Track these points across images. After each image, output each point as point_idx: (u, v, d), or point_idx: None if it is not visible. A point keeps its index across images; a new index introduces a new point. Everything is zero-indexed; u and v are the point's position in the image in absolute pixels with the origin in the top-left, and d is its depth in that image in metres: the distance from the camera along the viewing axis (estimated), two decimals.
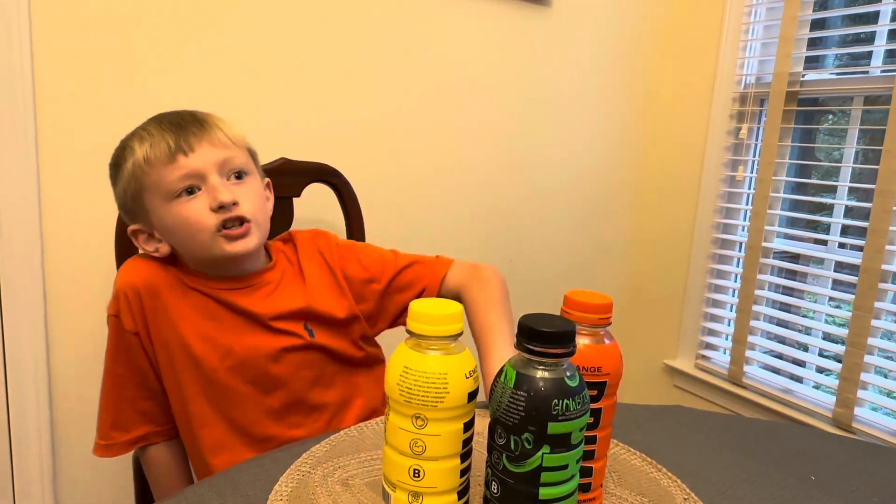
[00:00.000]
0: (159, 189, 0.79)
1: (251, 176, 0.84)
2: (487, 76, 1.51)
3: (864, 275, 1.42)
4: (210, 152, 0.79)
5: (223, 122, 0.84)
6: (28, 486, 1.11)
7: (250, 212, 0.81)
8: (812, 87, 1.57)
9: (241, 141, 0.85)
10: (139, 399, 0.85)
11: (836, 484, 0.69)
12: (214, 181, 0.78)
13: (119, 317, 0.81)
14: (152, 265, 0.84)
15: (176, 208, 0.78)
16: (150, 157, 0.78)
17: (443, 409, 0.48)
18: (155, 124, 0.81)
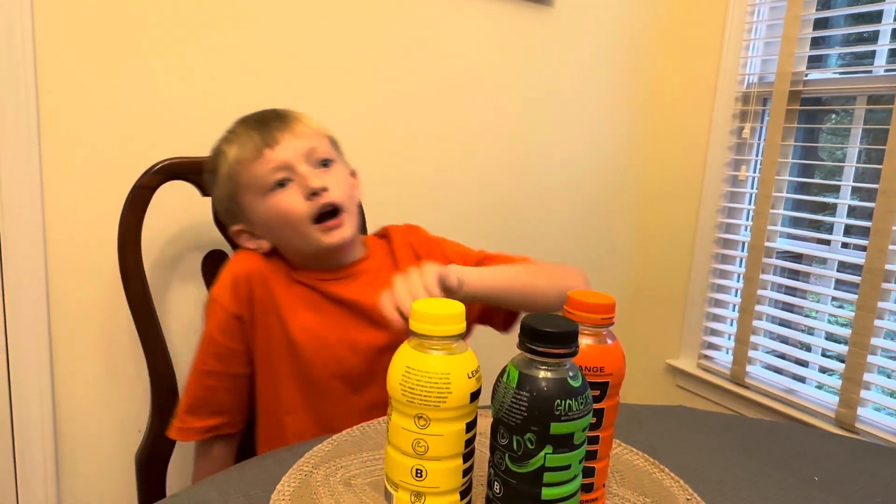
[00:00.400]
0: (253, 185, 0.82)
1: (337, 163, 0.87)
2: (489, 75, 1.51)
3: (867, 275, 1.42)
4: (294, 143, 0.82)
5: (304, 115, 0.88)
6: (31, 486, 1.11)
7: (340, 197, 0.83)
8: (815, 86, 1.56)
9: (323, 130, 0.88)
10: (221, 390, 0.87)
11: (838, 484, 0.69)
12: (303, 170, 0.81)
13: (222, 301, 0.84)
14: (263, 257, 0.88)
15: (270, 201, 0.82)
16: (239, 156, 0.83)
17: (445, 409, 0.48)
18: (240, 125, 0.86)
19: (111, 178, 1.08)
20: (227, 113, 1.18)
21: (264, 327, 0.85)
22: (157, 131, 1.12)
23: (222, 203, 0.88)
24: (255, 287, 0.85)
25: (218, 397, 0.87)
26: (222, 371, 0.86)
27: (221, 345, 0.85)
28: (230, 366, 0.87)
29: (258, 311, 0.85)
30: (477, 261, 0.94)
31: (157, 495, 1.00)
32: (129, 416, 1.18)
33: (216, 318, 0.85)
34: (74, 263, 1.09)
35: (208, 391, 0.87)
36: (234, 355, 0.86)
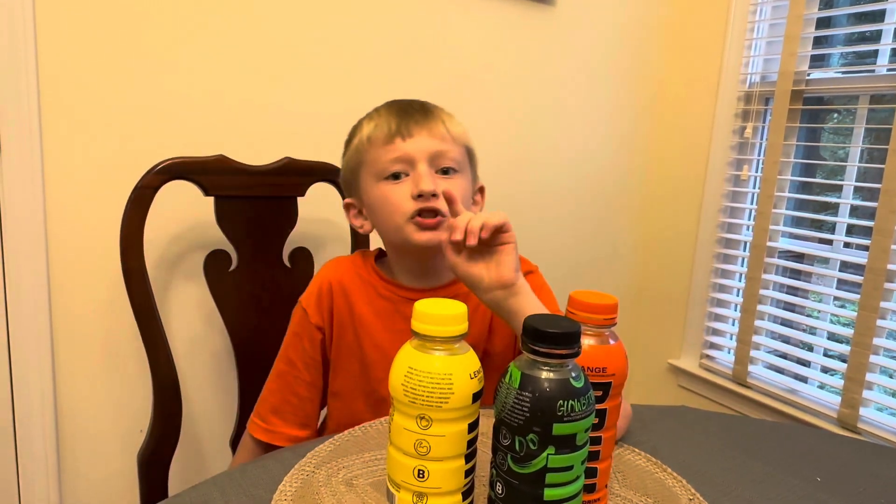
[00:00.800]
0: (373, 167, 0.83)
1: (461, 175, 0.85)
2: (491, 75, 1.51)
3: (869, 274, 1.41)
4: (426, 141, 0.82)
5: (448, 116, 0.87)
6: (33, 486, 1.11)
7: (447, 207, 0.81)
8: (817, 85, 1.56)
9: (462, 138, 0.86)
10: (308, 400, 0.88)
11: (842, 485, 0.68)
12: (422, 169, 0.80)
13: (308, 311, 0.86)
14: (352, 266, 0.89)
15: (382, 188, 0.82)
16: (372, 136, 0.83)
17: (447, 409, 0.48)
18: (386, 107, 0.86)
19: (113, 178, 1.08)
20: (229, 113, 1.18)
21: (340, 341, 0.86)
22: (159, 131, 1.12)
23: (344, 172, 0.90)
24: (336, 299, 0.86)
25: (305, 408, 0.88)
26: (310, 381, 0.87)
27: (309, 355, 0.86)
28: (316, 377, 0.87)
29: (336, 324, 0.86)
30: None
31: (159, 496, 1.00)
32: (131, 416, 1.18)
33: (304, 327, 0.86)
34: (76, 263, 1.09)
35: (298, 399, 0.87)
36: (318, 366, 0.87)
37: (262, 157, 1.07)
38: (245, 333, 1.08)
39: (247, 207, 1.06)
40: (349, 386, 0.87)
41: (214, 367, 1.24)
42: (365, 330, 0.85)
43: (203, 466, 1.26)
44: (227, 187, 1.03)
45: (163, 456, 1.01)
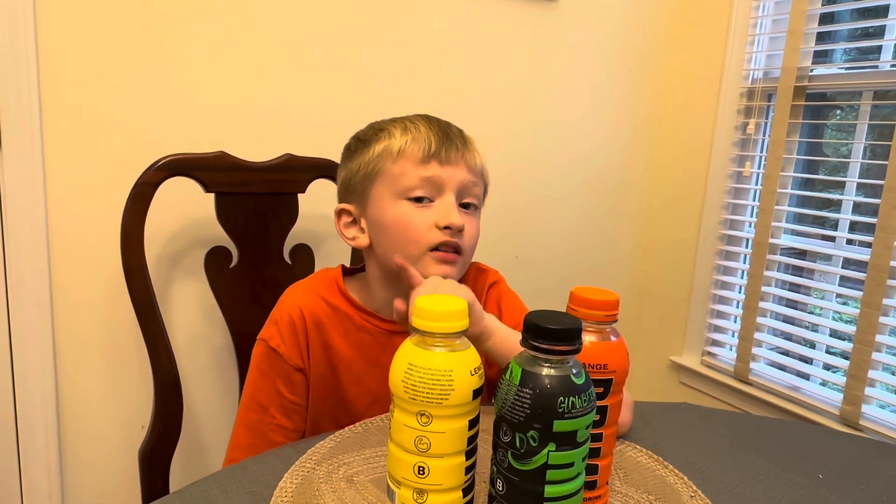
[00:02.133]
0: (396, 182, 0.77)
1: (478, 212, 0.83)
2: (494, 72, 1.50)
3: (872, 271, 1.41)
4: (462, 172, 0.78)
5: (478, 150, 0.83)
6: (35, 482, 1.11)
7: (467, 246, 0.79)
8: (820, 81, 1.55)
9: (486, 174, 0.84)
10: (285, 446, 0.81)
11: (844, 483, 0.68)
12: (450, 200, 0.77)
13: (283, 352, 0.78)
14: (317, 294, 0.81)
15: (402, 208, 0.77)
16: (406, 149, 0.77)
17: (448, 406, 0.47)
18: (424, 122, 0.80)
19: (114, 175, 1.08)
20: (230, 109, 1.18)
21: (318, 379, 0.80)
22: (160, 127, 1.12)
23: (349, 175, 0.81)
24: (310, 333, 0.79)
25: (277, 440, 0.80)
26: (291, 428, 0.80)
27: (287, 399, 0.79)
28: (298, 422, 0.80)
29: (313, 362, 0.80)
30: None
31: (161, 492, 1.00)
32: (133, 412, 1.18)
33: (275, 368, 0.78)
34: (77, 260, 1.09)
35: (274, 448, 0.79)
36: (300, 411, 0.80)
37: (262, 153, 1.07)
38: (246, 330, 1.08)
39: (247, 204, 1.06)
40: (323, 421, 0.82)
41: (215, 364, 1.24)
42: (344, 365, 0.80)
43: (204, 462, 1.26)
44: (227, 184, 1.03)
45: (164, 452, 1.01)
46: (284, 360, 0.78)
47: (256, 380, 0.79)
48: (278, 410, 0.79)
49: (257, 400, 0.79)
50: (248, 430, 0.79)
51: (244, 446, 0.78)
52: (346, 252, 1.24)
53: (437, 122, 0.81)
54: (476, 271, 0.90)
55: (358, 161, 0.80)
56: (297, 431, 0.81)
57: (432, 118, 0.82)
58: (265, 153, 1.08)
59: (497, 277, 0.90)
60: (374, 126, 0.82)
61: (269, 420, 0.79)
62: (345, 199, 0.83)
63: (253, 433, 0.79)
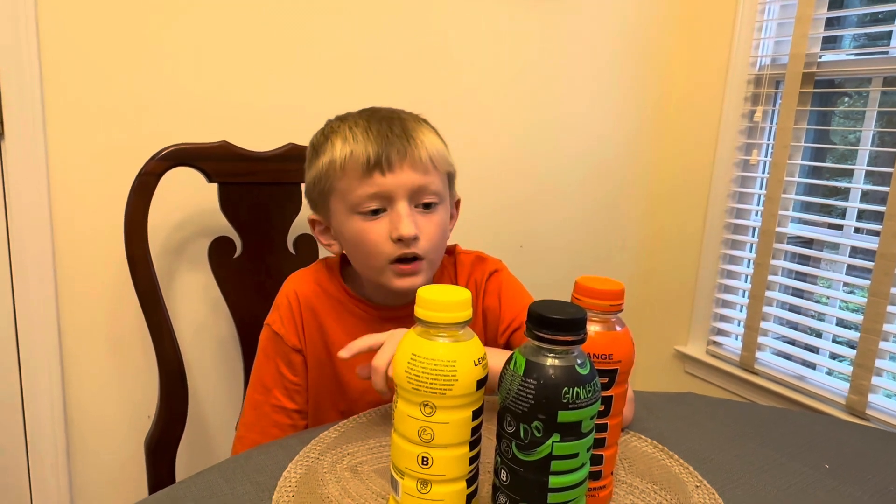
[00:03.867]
0: (346, 198, 0.77)
1: (441, 205, 0.80)
2: (497, 59, 1.49)
3: (880, 260, 1.40)
4: (408, 176, 0.75)
5: (430, 138, 0.79)
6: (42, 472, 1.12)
7: (427, 249, 0.77)
8: (829, 68, 1.53)
9: (443, 163, 0.80)
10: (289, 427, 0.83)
11: (851, 472, 0.68)
12: (402, 210, 0.75)
13: (283, 335, 0.81)
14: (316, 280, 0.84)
15: (357, 224, 0.76)
16: (346, 164, 0.75)
17: (451, 396, 0.47)
18: (363, 125, 0.77)
19: (117, 165, 1.08)
20: (232, 99, 1.17)
21: (315, 360, 0.83)
22: (162, 118, 1.12)
23: (310, 187, 0.82)
24: (305, 316, 0.82)
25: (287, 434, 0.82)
26: (294, 409, 0.83)
27: (289, 380, 0.82)
28: (300, 402, 0.83)
29: (310, 343, 0.83)
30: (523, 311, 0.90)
31: (167, 481, 1.01)
32: (138, 402, 1.18)
33: (278, 351, 0.82)
34: (81, 251, 1.09)
35: (280, 429, 0.82)
36: (301, 391, 0.83)
37: (265, 143, 1.07)
38: (250, 320, 1.08)
39: (250, 194, 1.05)
40: (324, 405, 0.85)
41: (220, 353, 1.24)
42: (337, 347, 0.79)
43: (210, 452, 1.27)
44: (230, 174, 1.02)
45: (170, 441, 1.02)
46: (284, 341, 0.82)
47: (262, 363, 0.83)
48: (281, 392, 0.82)
49: (262, 382, 0.83)
50: (254, 410, 0.83)
51: (249, 424, 0.83)
52: None
53: (377, 121, 0.78)
54: (475, 260, 0.90)
55: (313, 173, 0.80)
56: (299, 412, 0.84)
57: (375, 115, 0.79)
58: (268, 143, 1.07)
59: (498, 266, 0.90)
60: (324, 130, 0.81)
61: (272, 401, 0.82)
62: (313, 209, 0.84)
63: (258, 412, 0.83)
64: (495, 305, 0.86)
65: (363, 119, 0.78)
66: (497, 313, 0.86)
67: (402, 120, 0.79)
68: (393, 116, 0.79)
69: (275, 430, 0.82)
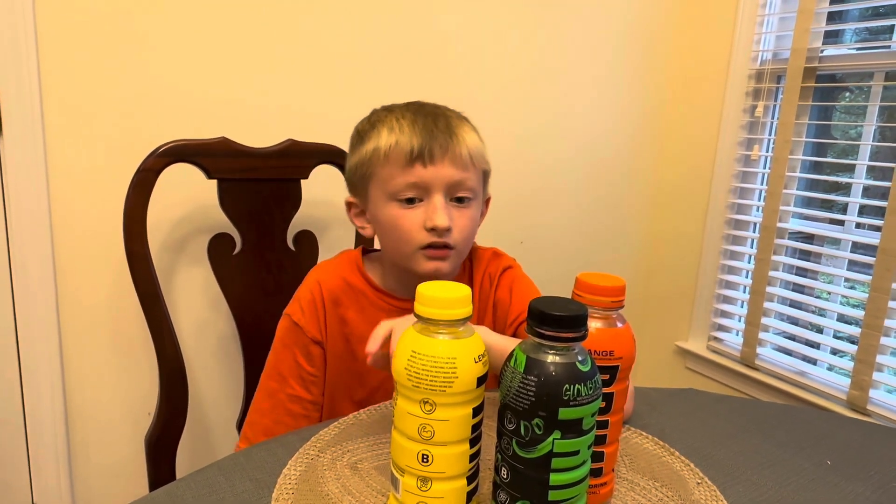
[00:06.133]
0: (386, 185, 0.79)
1: (475, 201, 0.83)
2: (498, 54, 1.48)
3: (881, 255, 1.39)
4: (447, 171, 0.78)
5: (471, 136, 0.82)
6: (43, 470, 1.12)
7: (458, 240, 0.80)
8: (831, 62, 1.53)
9: (481, 161, 0.83)
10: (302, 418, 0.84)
11: (853, 468, 0.68)
12: (437, 202, 0.78)
13: (303, 325, 0.82)
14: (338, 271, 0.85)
15: (393, 210, 0.79)
16: (390, 153, 0.78)
17: (451, 393, 0.47)
18: (410, 118, 0.80)
19: (115, 162, 1.08)
20: (231, 95, 1.17)
21: (334, 351, 0.84)
22: (161, 114, 1.11)
23: (351, 171, 0.84)
24: (328, 308, 0.83)
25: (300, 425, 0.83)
26: (309, 399, 0.84)
27: (305, 370, 0.83)
28: (316, 394, 0.84)
29: (330, 336, 0.84)
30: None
31: (167, 478, 1.01)
32: (139, 399, 1.18)
33: (297, 340, 0.83)
34: (81, 248, 1.09)
35: (293, 418, 0.83)
36: (318, 382, 0.84)
37: (264, 139, 1.06)
38: (250, 317, 1.07)
39: (250, 190, 1.05)
40: (340, 395, 0.86)
41: (220, 351, 1.24)
42: (357, 338, 0.83)
43: (210, 449, 1.27)
44: (229, 170, 1.02)
45: (170, 439, 1.01)
46: (304, 332, 0.82)
47: (279, 352, 0.84)
48: (297, 381, 0.83)
49: (278, 370, 0.83)
50: (268, 397, 0.83)
51: (263, 410, 0.83)
52: (349, 238, 1.23)
53: (423, 115, 0.80)
54: (492, 255, 0.94)
55: (356, 158, 0.83)
56: (314, 403, 0.85)
57: (421, 109, 0.82)
58: (267, 139, 1.07)
59: (512, 263, 0.93)
60: (370, 118, 0.83)
61: (287, 390, 0.83)
62: (352, 192, 0.86)
63: (272, 400, 0.83)
64: (506, 298, 0.89)
65: (410, 112, 0.81)
66: (507, 306, 0.89)
67: (447, 116, 0.82)
68: (438, 112, 0.82)
69: (288, 418, 0.83)
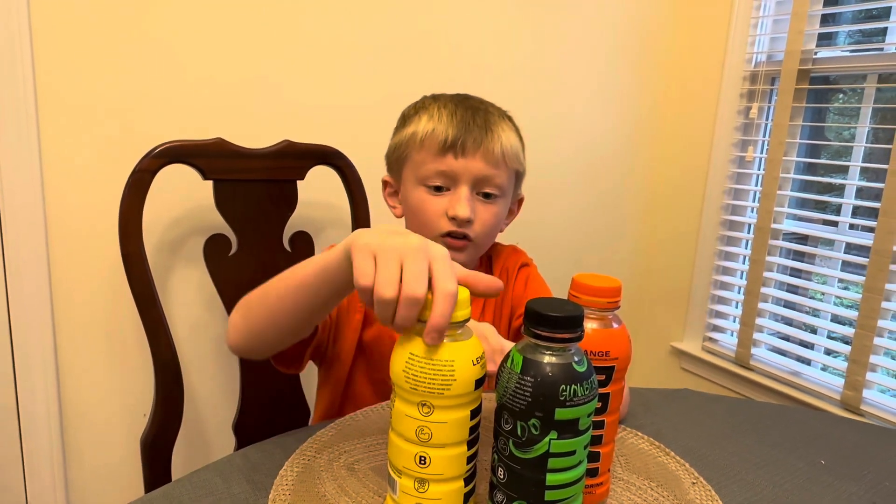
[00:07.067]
0: (418, 169, 0.83)
1: (502, 199, 0.85)
2: (494, 56, 1.48)
3: (874, 256, 1.40)
4: (477, 164, 0.80)
5: (507, 134, 0.83)
6: (38, 471, 1.11)
7: (478, 233, 0.82)
8: (824, 64, 1.54)
9: (514, 160, 0.84)
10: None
11: (847, 468, 0.68)
12: (463, 193, 0.80)
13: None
14: None
15: (421, 194, 0.82)
16: (426, 139, 0.81)
17: (449, 396, 0.47)
18: (450, 108, 0.83)
19: (111, 163, 1.08)
20: (227, 96, 1.17)
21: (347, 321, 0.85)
22: (157, 114, 1.11)
23: (391, 151, 0.88)
24: None
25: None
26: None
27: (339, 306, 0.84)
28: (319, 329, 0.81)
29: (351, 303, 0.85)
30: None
31: (163, 479, 1.00)
32: (134, 400, 1.18)
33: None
34: (76, 249, 1.09)
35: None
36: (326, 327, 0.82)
37: (260, 140, 1.06)
38: None
39: (246, 191, 1.05)
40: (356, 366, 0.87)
41: (216, 352, 1.24)
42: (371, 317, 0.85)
43: (206, 450, 1.27)
44: (225, 171, 1.02)
45: (165, 440, 1.01)
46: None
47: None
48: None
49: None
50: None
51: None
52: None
53: (465, 108, 0.83)
54: (511, 251, 0.98)
55: (396, 139, 0.87)
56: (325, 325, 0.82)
57: (465, 101, 0.84)
58: (263, 140, 1.07)
59: (529, 261, 0.97)
60: (416, 104, 0.87)
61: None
62: (389, 171, 0.90)
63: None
64: (520, 293, 0.92)
65: (452, 103, 0.84)
66: (520, 301, 0.91)
67: (487, 112, 0.84)
68: (480, 107, 0.84)
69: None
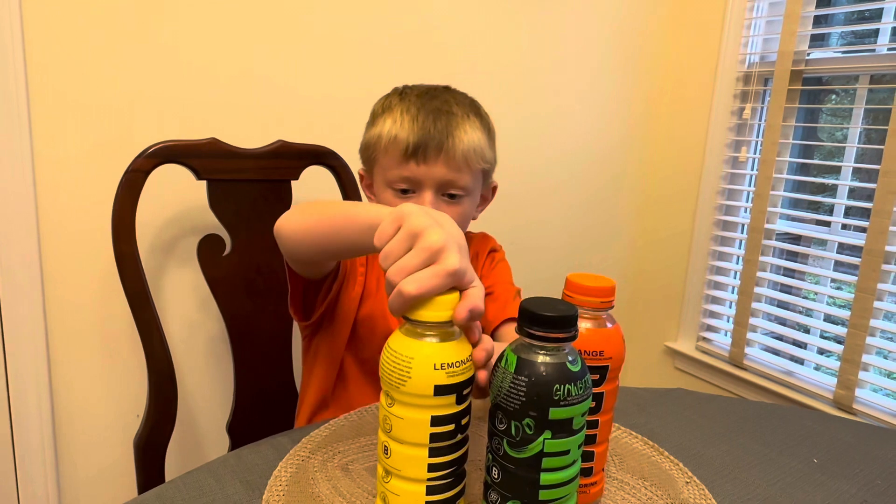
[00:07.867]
0: (384, 173, 0.84)
1: (467, 198, 0.86)
2: (487, 56, 1.49)
3: (866, 256, 1.41)
4: (439, 170, 0.81)
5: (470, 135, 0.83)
6: (30, 473, 1.11)
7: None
8: (817, 65, 1.55)
9: (478, 160, 0.84)
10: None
11: (840, 467, 0.68)
12: (426, 198, 0.82)
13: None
14: None
15: (388, 197, 0.84)
16: (389, 147, 0.82)
17: (405, 392, 0.46)
18: (413, 110, 0.82)
19: (104, 163, 1.07)
20: (221, 96, 1.16)
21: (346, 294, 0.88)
22: (150, 114, 1.11)
23: (363, 149, 0.89)
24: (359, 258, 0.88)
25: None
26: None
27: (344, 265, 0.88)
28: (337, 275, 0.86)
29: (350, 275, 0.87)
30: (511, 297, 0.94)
31: (156, 481, 1.00)
32: (128, 401, 1.17)
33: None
34: (68, 249, 1.08)
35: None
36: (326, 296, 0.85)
37: (254, 140, 1.06)
38: (240, 318, 1.07)
39: (240, 191, 1.04)
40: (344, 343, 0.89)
41: (210, 352, 1.23)
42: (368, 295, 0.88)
43: (200, 451, 1.26)
44: (219, 171, 1.01)
45: (159, 441, 1.01)
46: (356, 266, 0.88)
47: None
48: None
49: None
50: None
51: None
52: None
53: (427, 111, 0.82)
54: (482, 237, 1.00)
55: (366, 138, 0.88)
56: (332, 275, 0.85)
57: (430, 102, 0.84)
58: (257, 140, 1.06)
59: (498, 247, 0.99)
60: (384, 102, 0.87)
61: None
62: (364, 165, 0.92)
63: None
64: (487, 273, 0.95)
65: (416, 105, 0.83)
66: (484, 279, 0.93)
67: (451, 114, 0.83)
68: (443, 108, 0.83)
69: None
